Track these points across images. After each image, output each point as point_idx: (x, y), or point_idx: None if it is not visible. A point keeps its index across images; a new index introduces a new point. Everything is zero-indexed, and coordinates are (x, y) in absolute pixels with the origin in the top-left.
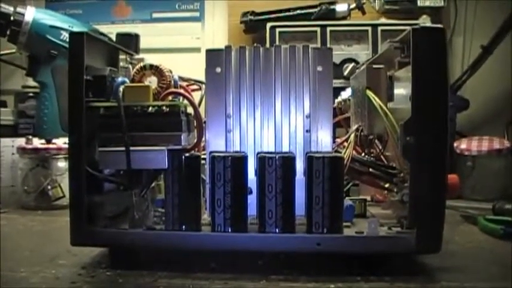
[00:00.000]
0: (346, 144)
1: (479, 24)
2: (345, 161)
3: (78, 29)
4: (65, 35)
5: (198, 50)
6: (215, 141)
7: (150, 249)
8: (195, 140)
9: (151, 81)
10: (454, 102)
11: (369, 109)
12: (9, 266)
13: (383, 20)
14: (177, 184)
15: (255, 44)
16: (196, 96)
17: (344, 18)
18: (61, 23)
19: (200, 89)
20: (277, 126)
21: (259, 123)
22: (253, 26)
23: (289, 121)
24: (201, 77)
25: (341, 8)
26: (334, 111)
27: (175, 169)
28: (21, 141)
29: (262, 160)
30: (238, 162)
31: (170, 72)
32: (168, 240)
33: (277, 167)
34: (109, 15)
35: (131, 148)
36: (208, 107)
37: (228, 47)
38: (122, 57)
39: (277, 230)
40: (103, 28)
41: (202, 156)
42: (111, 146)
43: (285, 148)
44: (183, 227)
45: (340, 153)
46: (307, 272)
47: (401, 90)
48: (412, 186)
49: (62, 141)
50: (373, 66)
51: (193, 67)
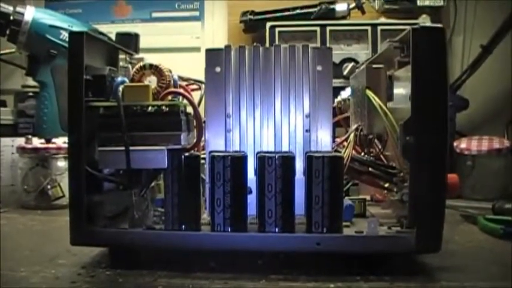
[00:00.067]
0: (345, 143)
1: (479, 23)
2: (344, 160)
3: (77, 28)
4: (64, 35)
5: (197, 49)
6: (215, 141)
7: (149, 248)
8: (195, 140)
9: (150, 80)
10: (454, 102)
11: (368, 109)
12: (9, 266)
13: (383, 20)
14: (176, 184)
15: (255, 44)
16: (195, 95)
17: (344, 17)
18: (61, 23)
19: (200, 88)
20: (276, 125)
21: (259, 123)
22: (252, 25)
23: (289, 121)
24: (201, 76)
25: (341, 8)
26: (333, 111)
27: (174, 169)
28: (21, 141)
29: (262, 160)
30: (238, 161)
31: (170, 71)
32: (167, 239)
33: (276, 166)
34: (109, 15)
35: (131, 148)
36: (208, 107)
37: (227, 47)
38: (121, 56)
39: (276, 230)
40: (103, 28)
41: (202, 155)
42: (111, 145)
43: (284, 148)
44: (183, 227)
45: (339, 152)
46: (307, 272)
47: (401, 90)
48: (411, 185)
49: (61, 141)
50: (373, 66)
51: (192, 67)
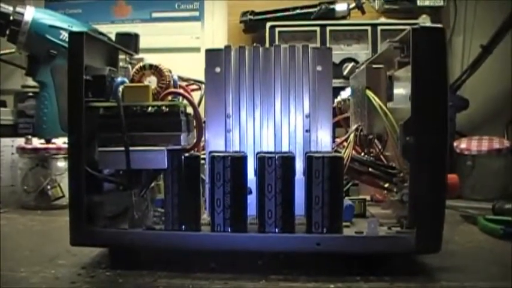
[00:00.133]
0: (345, 144)
1: (479, 23)
2: (344, 160)
3: (77, 28)
4: (64, 35)
5: (197, 49)
6: (215, 141)
7: (149, 249)
8: (195, 140)
9: (150, 81)
10: (454, 102)
11: (368, 109)
12: (9, 266)
13: (383, 20)
14: (176, 184)
15: (255, 44)
16: (195, 96)
17: (344, 17)
18: (60, 23)
19: (200, 88)
20: (276, 126)
21: (259, 123)
22: (252, 25)
23: (289, 121)
24: (201, 76)
25: (340, 8)
26: (333, 111)
27: (174, 169)
28: (20, 141)
29: (262, 160)
30: (238, 162)
31: (170, 72)
32: (167, 240)
33: (276, 166)
34: (109, 15)
35: (131, 148)
36: (208, 107)
37: (227, 47)
38: (121, 57)
39: (276, 230)
40: (102, 28)
41: (202, 156)
42: (111, 146)
43: (284, 148)
44: (183, 227)
45: (339, 153)
46: (307, 272)
47: (401, 90)
48: (411, 186)
49: (61, 141)
50: (373, 66)
51: (192, 67)
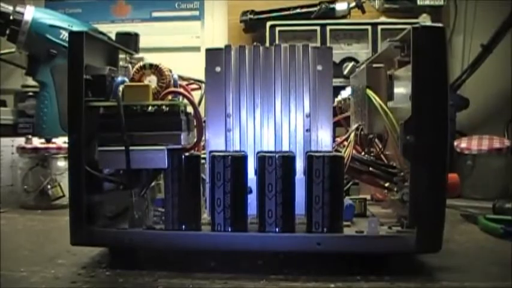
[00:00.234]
0: (346, 143)
1: (479, 23)
2: (345, 160)
3: (77, 28)
4: (64, 34)
5: (197, 49)
6: (215, 141)
7: (149, 249)
8: (195, 140)
9: (150, 80)
10: (454, 101)
11: (369, 108)
12: (9, 266)
13: (383, 19)
14: (176, 183)
15: (255, 43)
16: (196, 95)
17: (344, 17)
18: (60, 22)
19: (200, 88)
20: (277, 125)
21: (259, 123)
22: (253, 25)
23: (289, 120)
24: (201, 76)
25: (341, 7)
26: (334, 111)
27: (175, 168)
28: (20, 141)
29: (262, 159)
30: (238, 161)
31: (170, 71)
32: (167, 239)
33: (277, 166)
34: (108, 15)
35: (131, 147)
36: (208, 106)
37: (227, 46)
38: (121, 56)
39: (277, 230)
40: (102, 27)
41: (202, 155)
42: (111, 145)
43: (284, 147)
44: (183, 227)
45: (340, 152)
46: (307, 272)
47: (401, 89)
48: (412, 185)
49: (61, 141)
50: (373, 65)
51: (193, 66)
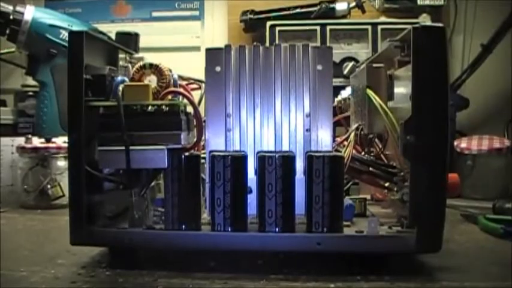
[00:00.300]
0: (346, 143)
1: (479, 23)
2: (345, 160)
3: (77, 28)
4: (64, 34)
5: (197, 48)
6: (215, 141)
7: (149, 248)
8: (195, 139)
9: (150, 80)
10: (454, 101)
11: (369, 108)
12: (9, 266)
13: (383, 19)
14: (176, 183)
15: (255, 43)
16: (196, 95)
17: (344, 16)
18: (60, 22)
19: (200, 88)
20: (277, 125)
21: (259, 123)
22: (253, 24)
23: (289, 120)
24: (201, 76)
25: (341, 7)
26: (334, 110)
27: (175, 168)
28: (20, 141)
29: (262, 159)
30: (238, 161)
31: (170, 71)
32: (167, 239)
33: (277, 166)
34: (108, 14)
35: (131, 147)
36: (208, 106)
37: (227, 46)
38: (121, 56)
39: (277, 230)
40: (102, 27)
41: (202, 155)
42: (111, 145)
43: (284, 147)
44: (183, 227)
45: (340, 152)
46: (307, 272)
47: (402, 89)
48: (412, 185)
49: (61, 140)
50: (373, 65)
51: (193, 66)
